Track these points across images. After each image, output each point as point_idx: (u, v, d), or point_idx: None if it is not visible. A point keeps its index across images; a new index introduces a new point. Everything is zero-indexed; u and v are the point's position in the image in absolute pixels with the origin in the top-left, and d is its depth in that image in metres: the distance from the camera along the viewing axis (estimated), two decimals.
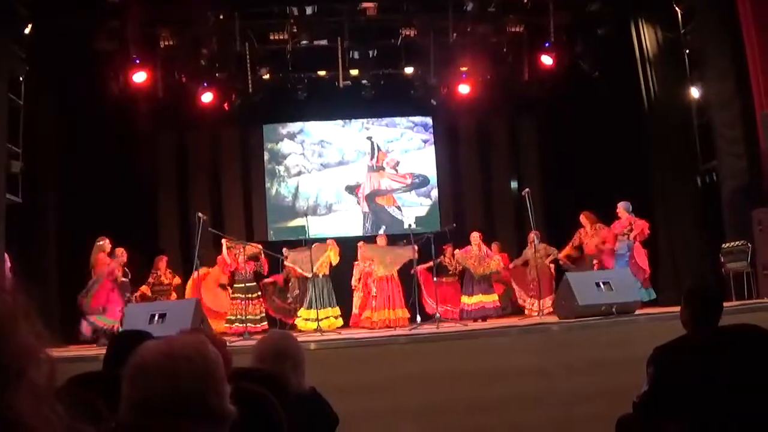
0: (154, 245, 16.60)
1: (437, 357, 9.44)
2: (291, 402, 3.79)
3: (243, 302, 13.58)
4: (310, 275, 13.87)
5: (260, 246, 14.65)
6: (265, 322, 13.81)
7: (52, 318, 12.74)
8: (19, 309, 1.43)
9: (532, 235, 14.37)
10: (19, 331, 1.40)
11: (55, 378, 1.46)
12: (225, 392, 2.25)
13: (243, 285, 13.81)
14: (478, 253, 14.33)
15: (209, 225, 13.88)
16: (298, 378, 4.36)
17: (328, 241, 14.70)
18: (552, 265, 15.03)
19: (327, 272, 14.25)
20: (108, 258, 12.97)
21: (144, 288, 14.30)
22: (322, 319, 13.37)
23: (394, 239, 15.10)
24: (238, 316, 13.50)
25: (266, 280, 14.82)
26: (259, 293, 14.05)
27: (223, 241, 14.21)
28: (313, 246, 13.90)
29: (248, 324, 13.16)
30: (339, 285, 14.76)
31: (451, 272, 15.10)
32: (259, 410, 3.36)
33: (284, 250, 14.68)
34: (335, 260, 14.31)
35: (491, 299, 14.20)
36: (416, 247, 13.76)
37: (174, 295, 14.40)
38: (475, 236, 14.53)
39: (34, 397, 1.38)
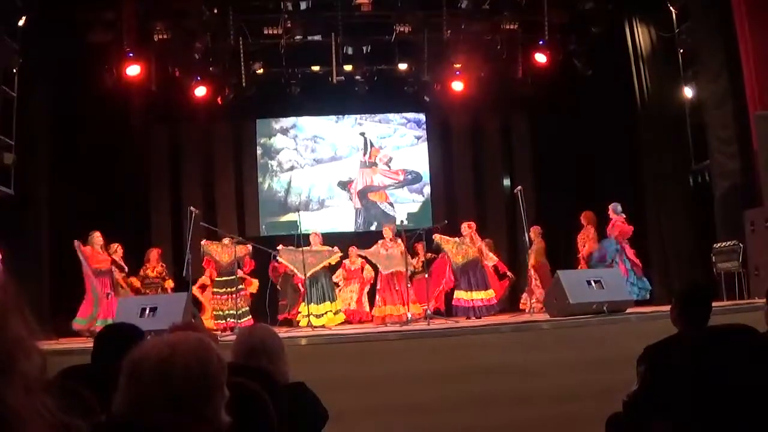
0: (146, 239, 16.57)
1: (428, 354, 9.44)
2: (276, 395, 3.78)
3: (224, 296, 13.43)
4: (304, 277, 13.41)
5: (249, 247, 14.05)
6: (249, 317, 13.43)
7: (44, 311, 12.74)
8: (10, 302, 1.43)
9: (533, 232, 14.37)
10: (9, 323, 1.40)
11: (46, 371, 1.46)
12: (220, 402, 2.24)
13: (224, 279, 13.51)
14: (458, 240, 13.86)
15: (201, 219, 13.84)
16: (278, 370, 4.31)
17: (335, 248, 14.12)
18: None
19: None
20: (101, 251, 12.97)
21: (134, 279, 14.16)
22: (320, 315, 13.24)
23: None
24: (221, 311, 13.39)
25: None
26: (241, 287, 13.61)
27: (204, 243, 13.70)
28: (308, 248, 13.65)
29: (228, 319, 13.12)
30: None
31: (418, 271, 14.86)
32: (249, 404, 3.36)
33: (279, 247, 13.95)
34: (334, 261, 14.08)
35: (488, 296, 13.81)
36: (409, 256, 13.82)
37: (168, 290, 14.15)
38: (464, 226, 14.14)
39: (25, 390, 1.38)
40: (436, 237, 13.74)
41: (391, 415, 8.32)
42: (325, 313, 13.49)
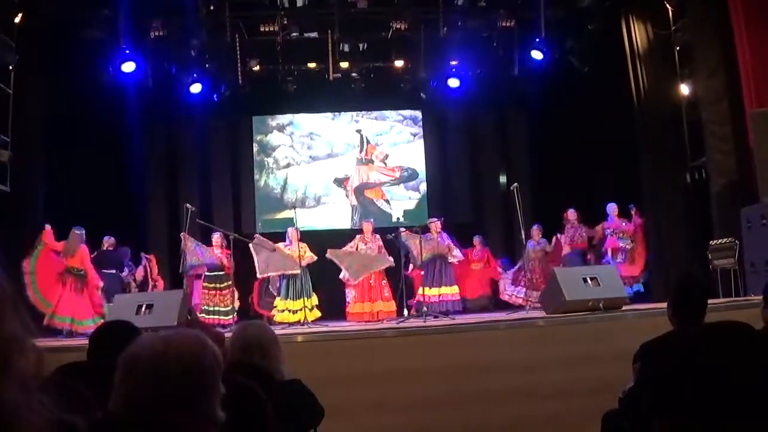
0: (142, 236, 16.55)
1: (424, 351, 9.43)
2: (272, 391, 3.78)
3: (213, 292, 13.42)
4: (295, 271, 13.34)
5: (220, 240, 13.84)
6: (235, 313, 13.26)
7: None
8: (7, 299, 1.43)
9: (535, 230, 14.49)
10: (5, 320, 1.40)
11: (42, 368, 1.46)
12: (215, 399, 2.23)
13: (213, 274, 13.48)
14: (425, 236, 13.83)
15: (197, 216, 13.81)
16: (275, 367, 4.31)
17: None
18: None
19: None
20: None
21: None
22: (295, 311, 13.16)
23: (382, 232, 14.78)
24: (210, 307, 13.34)
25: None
26: (230, 283, 13.41)
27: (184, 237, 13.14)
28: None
29: (216, 316, 13.13)
30: (321, 275, 14.41)
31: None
32: (245, 401, 3.36)
33: (256, 236, 13.96)
34: (309, 256, 13.69)
35: (452, 291, 14.02)
36: (392, 259, 13.76)
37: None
38: (431, 223, 14.29)
39: (21, 387, 1.38)
40: (403, 233, 13.83)
41: (388, 411, 8.32)
42: (301, 308, 13.30)
